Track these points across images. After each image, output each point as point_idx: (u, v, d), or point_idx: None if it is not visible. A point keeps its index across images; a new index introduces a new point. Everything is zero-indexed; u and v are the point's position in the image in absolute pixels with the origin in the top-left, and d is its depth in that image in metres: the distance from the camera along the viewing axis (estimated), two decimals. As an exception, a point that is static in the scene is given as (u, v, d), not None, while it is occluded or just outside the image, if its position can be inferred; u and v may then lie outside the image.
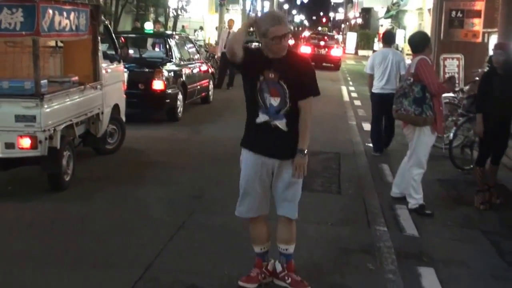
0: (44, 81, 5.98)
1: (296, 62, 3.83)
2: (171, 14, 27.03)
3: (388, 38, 9.11)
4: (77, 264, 4.39)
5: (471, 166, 7.39)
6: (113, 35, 8.57)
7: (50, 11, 5.95)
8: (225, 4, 30.04)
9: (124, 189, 6.42)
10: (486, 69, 7.87)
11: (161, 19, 26.77)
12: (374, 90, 8.73)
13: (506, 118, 6.25)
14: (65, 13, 6.29)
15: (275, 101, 3.78)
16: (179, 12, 27.07)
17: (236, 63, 3.75)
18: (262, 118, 3.81)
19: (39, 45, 5.99)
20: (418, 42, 6.06)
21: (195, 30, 29.58)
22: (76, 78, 6.95)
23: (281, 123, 3.79)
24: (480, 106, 6.30)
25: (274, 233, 4.09)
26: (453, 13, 13.50)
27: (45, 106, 5.80)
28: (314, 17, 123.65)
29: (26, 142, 5.73)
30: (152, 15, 27.38)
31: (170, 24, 26.81)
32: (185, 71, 11.60)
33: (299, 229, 5.03)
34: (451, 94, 9.69)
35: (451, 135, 7.89)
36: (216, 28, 29.82)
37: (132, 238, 4.96)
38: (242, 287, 4.01)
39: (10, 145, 5.74)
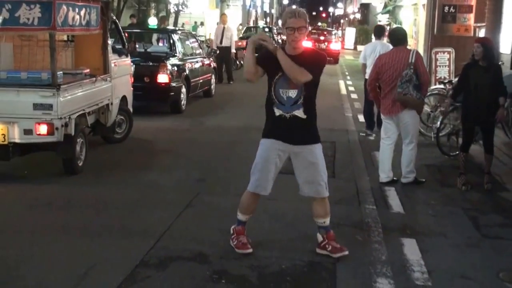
0: (60, 73, 6.48)
1: (311, 55, 4.36)
2: (172, 10, 27.46)
3: (378, 32, 10.05)
4: (95, 235, 4.91)
5: (457, 152, 7.88)
6: (121, 30, 9.05)
7: (65, 7, 6.42)
8: (225, 0, 30.46)
9: (133, 174, 6.93)
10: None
11: (162, 14, 27.22)
12: (367, 76, 9.38)
13: (484, 105, 6.60)
14: (77, 9, 6.77)
15: (293, 93, 4.32)
16: (180, 7, 27.50)
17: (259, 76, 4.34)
18: (277, 112, 4.35)
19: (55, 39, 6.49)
20: (402, 36, 6.92)
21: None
22: (88, 70, 7.44)
23: (299, 112, 4.33)
24: (453, 94, 7.11)
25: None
26: (446, 8, 13.95)
27: (61, 95, 6.28)
28: (314, 13, 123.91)
29: (43, 129, 6.22)
30: (153, 11, 27.81)
31: (171, 20, 27.24)
32: (188, 65, 12.09)
33: (296, 208, 5.59)
34: (440, 86, 10.23)
35: (438, 123, 8.39)
36: (217, 24, 30.25)
37: (143, 215, 5.48)
38: (242, 253, 4.53)
39: (28, 131, 6.22)
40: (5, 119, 6.19)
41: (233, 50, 17.09)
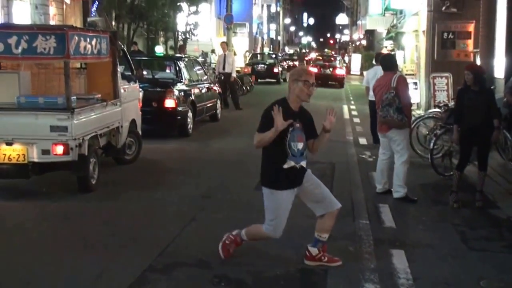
0: (74, 97, 6.96)
1: (307, 113, 4.95)
2: (179, 38, 28.11)
3: (378, 58, 10.62)
4: (107, 244, 5.39)
5: (451, 173, 8.24)
6: (129, 57, 9.56)
7: (76, 38, 6.92)
8: (231, 28, 31.17)
9: (143, 191, 7.39)
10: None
11: (170, 42, 27.89)
12: (370, 98, 10.80)
13: (478, 127, 6.96)
14: (88, 39, 7.28)
15: (300, 145, 4.82)
16: (187, 35, 28.16)
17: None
18: (289, 164, 4.78)
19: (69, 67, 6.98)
20: (392, 63, 7.64)
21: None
22: (99, 95, 7.92)
23: (304, 163, 4.86)
24: (455, 118, 7.28)
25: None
26: (445, 34, 14.40)
27: (75, 118, 6.76)
28: (321, 39, 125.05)
29: (59, 149, 6.69)
30: (162, 39, 28.49)
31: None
32: (194, 90, 12.59)
33: (294, 223, 5.95)
34: (437, 109, 10.67)
35: (431, 144, 8.79)
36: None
37: (153, 227, 5.94)
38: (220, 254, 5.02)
39: (46, 151, 6.71)
40: (25, 140, 6.69)
41: (233, 75, 17.62)
